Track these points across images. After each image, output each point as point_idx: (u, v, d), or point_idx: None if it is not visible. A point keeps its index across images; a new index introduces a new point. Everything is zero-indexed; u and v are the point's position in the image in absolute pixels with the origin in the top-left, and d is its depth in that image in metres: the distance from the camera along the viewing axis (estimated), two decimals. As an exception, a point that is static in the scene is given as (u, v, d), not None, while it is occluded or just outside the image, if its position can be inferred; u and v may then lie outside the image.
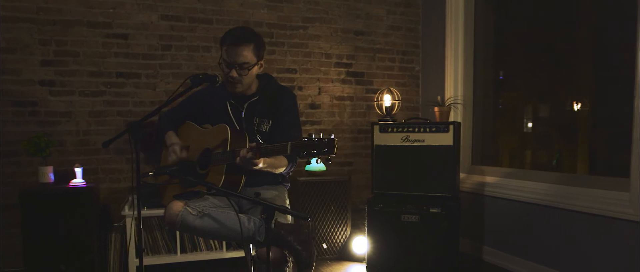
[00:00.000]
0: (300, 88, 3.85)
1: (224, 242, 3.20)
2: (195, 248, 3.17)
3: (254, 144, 1.93)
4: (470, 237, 3.51)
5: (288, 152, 1.77)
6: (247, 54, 2.06)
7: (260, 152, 1.86)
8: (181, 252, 3.13)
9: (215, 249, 3.20)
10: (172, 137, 2.21)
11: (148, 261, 3.06)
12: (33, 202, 2.80)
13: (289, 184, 2.37)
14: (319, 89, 3.90)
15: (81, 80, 3.31)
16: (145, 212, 3.00)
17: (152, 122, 3.02)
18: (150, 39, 3.46)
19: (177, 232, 3.06)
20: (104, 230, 3.07)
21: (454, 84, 3.71)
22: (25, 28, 3.19)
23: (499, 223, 3.29)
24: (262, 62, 2.17)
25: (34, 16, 3.20)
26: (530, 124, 3.50)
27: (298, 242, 1.83)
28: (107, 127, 3.34)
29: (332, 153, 1.68)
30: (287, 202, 2.25)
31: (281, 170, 2.14)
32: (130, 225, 2.96)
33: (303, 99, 3.86)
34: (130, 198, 3.22)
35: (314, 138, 1.70)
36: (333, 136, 1.70)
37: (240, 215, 1.93)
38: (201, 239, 3.18)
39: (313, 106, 3.89)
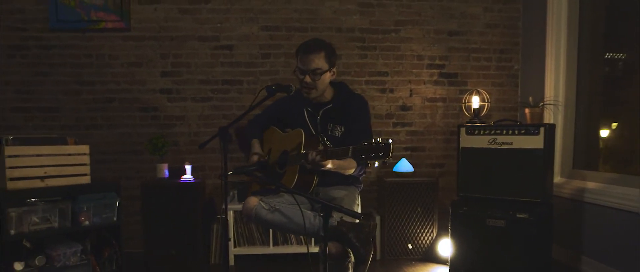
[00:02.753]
0: (391, 90, 3.92)
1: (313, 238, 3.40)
2: (286, 242, 3.43)
3: (322, 147, 2.09)
4: (567, 245, 3.28)
5: (349, 155, 1.88)
6: (318, 61, 2.22)
7: (326, 155, 2.02)
8: (273, 245, 3.41)
9: (304, 243, 3.43)
10: (255, 146, 2.46)
11: (244, 250, 3.40)
12: (151, 194, 3.28)
13: (361, 186, 2.48)
14: (411, 91, 3.93)
15: (193, 88, 3.77)
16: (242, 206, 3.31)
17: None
18: (252, 48, 3.80)
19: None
20: (208, 221, 3.46)
21: (555, 83, 3.48)
22: (149, 45, 3.73)
23: (601, 233, 3.03)
24: (334, 69, 2.31)
25: (156, 34, 3.72)
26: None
27: (357, 239, 1.94)
28: (213, 129, 3.75)
29: (388, 156, 1.75)
30: (357, 202, 2.36)
31: (351, 171, 2.27)
32: (230, 217, 3.31)
33: (394, 101, 3.92)
34: (231, 193, 3.58)
35: (373, 142, 1.79)
36: (390, 141, 1.77)
37: (306, 212, 2.10)
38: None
39: (404, 108, 3.94)
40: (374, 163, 1.82)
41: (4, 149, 2.62)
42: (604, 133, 3.46)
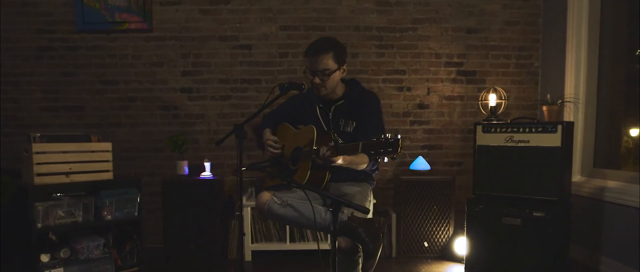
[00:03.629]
0: (408, 89, 3.92)
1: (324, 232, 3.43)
2: (302, 238, 3.47)
3: (332, 143, 2.12)
4: (586, 245, 3.22)
5: (359, 150, 1.91)
6: (327, 62, 2.25)
7: (336, 151, 2.05)
8: (290, 241, 3.45)
9: (321, 240, 3.46)
10: (266, 134, 2.53)
11: (261, 246, 3.45)
12: (171, 190, 3.36)
13: (374, 182, 2.50)
14: (428, 89, 3.92)
15: (212, 87, 3.85)
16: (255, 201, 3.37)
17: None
18: (270, 47, 3.86)
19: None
20: (226, 217, 3.53)
21: (575, 80, 3.43)
22: (170, 45, 3.82)
23: (621, 233, 2.97)
24: (344, 67, 2.34)
25: (177, 34, 3.81)
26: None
27: (367, 234, 1.97)
28: (232, 127, 3.78)
29: (396, 152, 1.77)
30: (369, 199, 2.38)
31: (363, 167, 2.29)
32: (247, 214, 3.37)
33: (411, 100, 3.92)
34: (249, 190, 3.64)
35: (382, 138, 1.81)
36: (399, 137, 1.79)
37: (317, 207, 2.14)
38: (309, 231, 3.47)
39: (421, 106, 3.93)
40: (384, 158, 1.84)
41: (31, 146, 2.74)
42: (627, 131, 3.39)
